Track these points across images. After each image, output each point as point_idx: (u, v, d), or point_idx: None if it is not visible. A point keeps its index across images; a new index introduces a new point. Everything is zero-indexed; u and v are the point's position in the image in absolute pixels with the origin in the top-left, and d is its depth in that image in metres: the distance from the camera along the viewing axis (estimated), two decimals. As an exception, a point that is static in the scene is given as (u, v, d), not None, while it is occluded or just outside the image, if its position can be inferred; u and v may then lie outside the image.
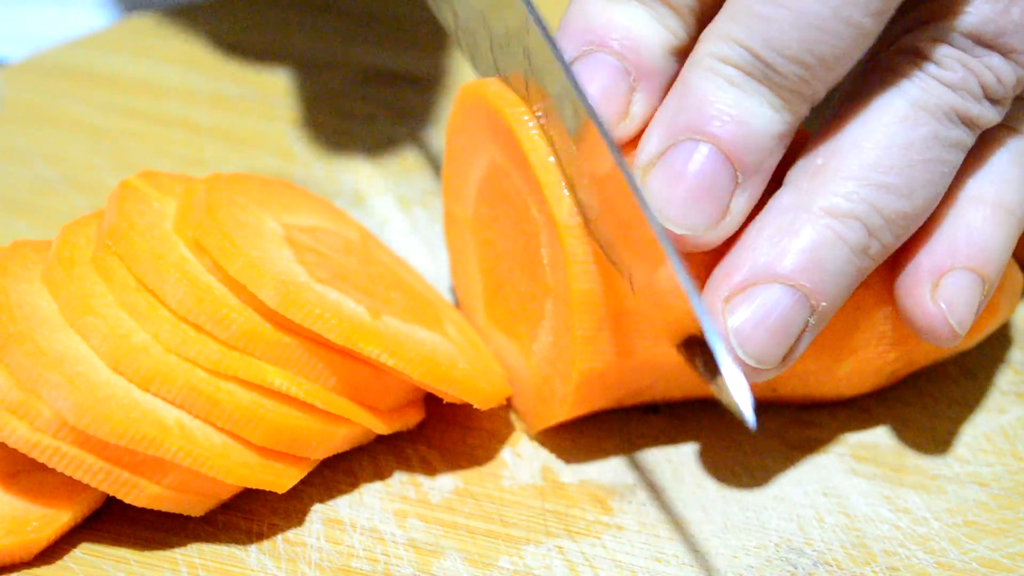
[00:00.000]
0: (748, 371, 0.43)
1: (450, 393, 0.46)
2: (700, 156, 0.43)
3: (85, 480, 0.43)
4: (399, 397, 0.48)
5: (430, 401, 0.49)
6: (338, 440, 0.46)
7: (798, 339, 0.44)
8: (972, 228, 0.46)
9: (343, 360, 0.46)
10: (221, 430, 0.44)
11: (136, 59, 0.67)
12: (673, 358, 0.45)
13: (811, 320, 0.44)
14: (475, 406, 0.47)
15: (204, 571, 0.44)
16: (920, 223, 0.45)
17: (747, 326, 0.43)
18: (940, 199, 0.45)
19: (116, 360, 0.43)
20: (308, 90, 0.65)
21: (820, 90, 0.43)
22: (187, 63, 0.66)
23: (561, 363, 0.46)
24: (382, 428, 0.47)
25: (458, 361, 0.47)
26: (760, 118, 0.43)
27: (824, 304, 0.44)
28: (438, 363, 0.46)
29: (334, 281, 0.46)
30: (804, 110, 0.44)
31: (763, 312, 0.43)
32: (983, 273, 0.46)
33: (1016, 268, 0.51)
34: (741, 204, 0.43)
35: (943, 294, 0.46)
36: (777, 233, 0.43)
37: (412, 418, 0.48)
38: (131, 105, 0.64)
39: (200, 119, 0.64)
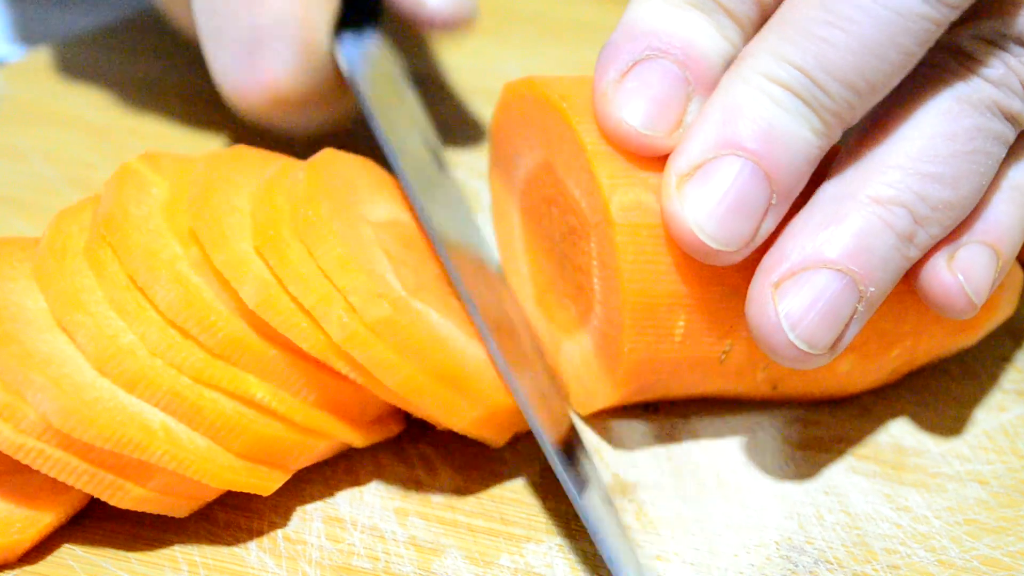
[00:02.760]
0: (799, 356, 0.44)
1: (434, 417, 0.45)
2: (742, 173, 0.43)
3: (70, 482, 0.42)
4: (380, 408, 0.47)
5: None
6: (319, 451, 0.46)
7: (847, 325, 0.44)
8: (987, 206, 0.46)
9: (324, 373, 0.45)
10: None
11: (136, 58, 0.67)
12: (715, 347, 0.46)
13: (859, 307, 0.44)
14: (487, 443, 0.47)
15: (204, 569, 0.44)
16: (964, 214, 0.45)
17: (798, 310, 0.43)
18: (983, 191, 0.45)
19: (102, 361, 0.43)
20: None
21: (859, 115, 0.44)
22: (186, 62, 0.66)
23: (610, 353, 0.47)
24: (360, 441, 0.46)
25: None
26: (801, 140, 0.43)
27: (872, 290, 0.44)
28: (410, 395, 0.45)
29: None
30: (838, 135, 0.44)
31: (813, 296, 0.43)
32: (997, 248, 0.46)
33: (1016, 267, 0.51)
34: (768, 226, 0.44)
35: (958, 265, 0.46)
36: (824, 221, 0.44)
37: (392, 429, 0.48)
38: (130, 104, 0.64)
39: (199, 118, 0.64)
